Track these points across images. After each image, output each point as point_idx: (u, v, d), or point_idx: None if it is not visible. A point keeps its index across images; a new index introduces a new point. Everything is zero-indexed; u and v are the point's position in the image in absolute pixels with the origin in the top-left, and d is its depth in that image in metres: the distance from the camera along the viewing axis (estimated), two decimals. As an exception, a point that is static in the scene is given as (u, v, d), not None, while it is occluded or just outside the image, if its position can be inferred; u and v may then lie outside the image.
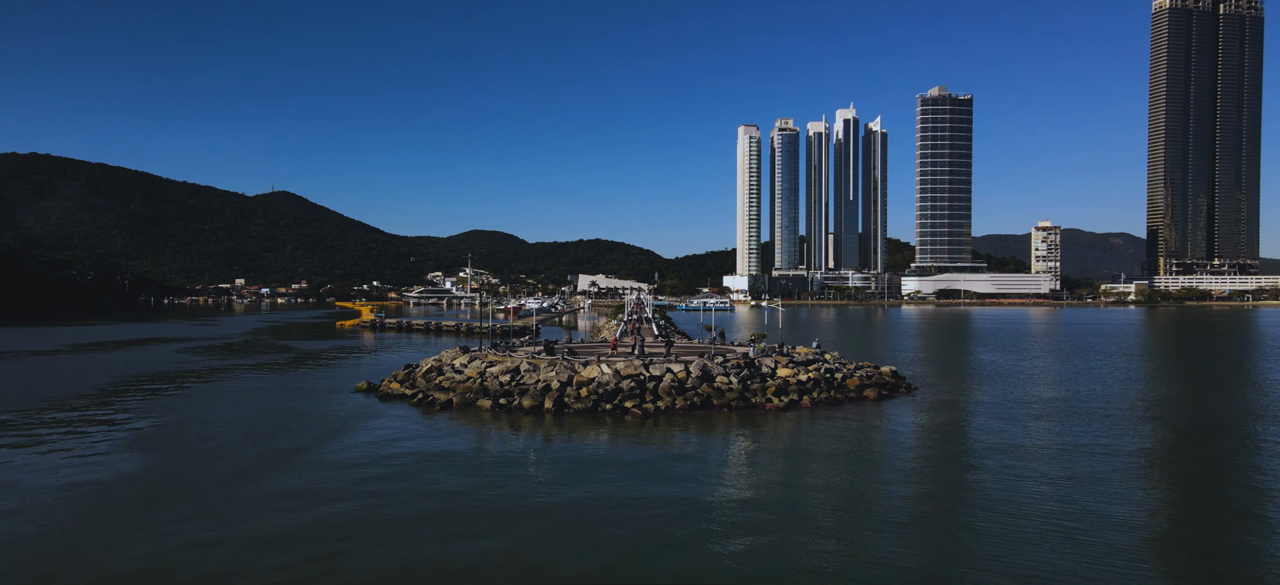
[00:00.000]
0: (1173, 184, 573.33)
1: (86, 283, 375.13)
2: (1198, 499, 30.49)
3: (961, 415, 49.34)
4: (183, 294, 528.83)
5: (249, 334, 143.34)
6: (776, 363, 57.15)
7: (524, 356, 58.76)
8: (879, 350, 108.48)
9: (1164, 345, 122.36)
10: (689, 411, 48.10)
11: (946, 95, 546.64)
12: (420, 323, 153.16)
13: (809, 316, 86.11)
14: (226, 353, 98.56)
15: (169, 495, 30.30)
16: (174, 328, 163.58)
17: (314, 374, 71.58)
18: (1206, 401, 55.93)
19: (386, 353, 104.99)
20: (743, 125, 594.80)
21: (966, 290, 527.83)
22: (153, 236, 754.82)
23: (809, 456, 37.79)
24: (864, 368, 62.00)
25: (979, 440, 41.37)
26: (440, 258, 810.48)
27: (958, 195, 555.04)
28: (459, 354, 62.00)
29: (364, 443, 40.44)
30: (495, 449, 39.56)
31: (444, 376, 55.78)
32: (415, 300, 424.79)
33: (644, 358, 57.71)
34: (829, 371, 57.06)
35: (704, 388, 50.77)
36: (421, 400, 51.72)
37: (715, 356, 58.15)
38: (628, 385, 50.12)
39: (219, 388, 61.48)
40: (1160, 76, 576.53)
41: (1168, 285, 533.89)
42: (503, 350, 64.01)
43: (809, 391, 52.42)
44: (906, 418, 48.14)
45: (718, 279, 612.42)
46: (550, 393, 49.75)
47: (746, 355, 59.13)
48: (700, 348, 71.18)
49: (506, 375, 53.29)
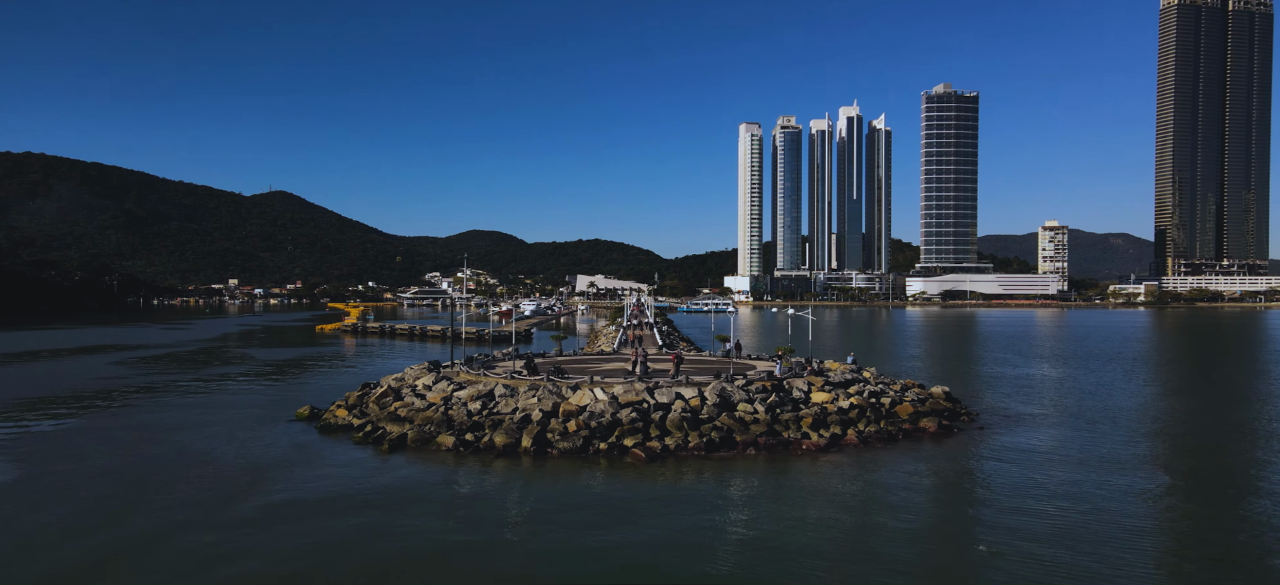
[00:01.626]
0: (1181, 183, 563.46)
1: (73, 283, 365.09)
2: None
3: (1054, 457, 39.14)
4: (173, 294, 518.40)
5: (217, 340, 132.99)
6: (809, 385, 46.91)
7: (501, 376, 48.54)
8: (899, 360, 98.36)
9: (1210, 352, 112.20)
10: (705, 452, 37.92)
11: (952, 92, 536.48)
12: (404, 327, 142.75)
13: (813, 318, 75.19)
14: (171, 364, 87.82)
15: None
16: (139, 333, 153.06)
17: (256, 393, 61.01)
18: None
19: (358, 363, 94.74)
20: (744, 123, 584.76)
21: (972, 291, 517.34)
22: (148, 236, 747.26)
23: (878, 529, 27.60)
24: (912, 389, 51.82)
25: (1104, 503, 31.09)
26: (438, 258, 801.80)
27: (963, 194, 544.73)
28: (424, 372, 51.74)
29: (275, 505, 30.25)
30: (451, 509, 29.44)
31: (402, 402, 45.56)
32: (409, 301, 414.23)
33: (647, 378, 47.50)
34: (874, 396, 46.83)
35: (723, 419, 40.58)
36: (369, 434, 41.47)
37: (734, 376, 47.92)
38: (627, 416, 39.94)
39: (124, 416, 50.87)
40: (1168, 74, 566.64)
41: (1176, 286, 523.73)
42: (478, 367, 53.77)
43: (853, 423, 42.19)
44: (985, 461, 37.89)
45: (718, 279, 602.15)
46: (530, 426, 39.57)
47: (771, 375, 48.94)
48: (712, 362, 61.01)
49: (477, 402, 43.08)
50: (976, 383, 70.16)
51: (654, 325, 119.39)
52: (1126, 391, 64.86)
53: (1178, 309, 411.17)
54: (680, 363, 49.37)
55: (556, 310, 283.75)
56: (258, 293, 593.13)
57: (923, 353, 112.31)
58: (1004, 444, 41.70)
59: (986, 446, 41.01)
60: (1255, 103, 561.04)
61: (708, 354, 70.12)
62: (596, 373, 52.61)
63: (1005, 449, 40.54)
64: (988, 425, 46.22)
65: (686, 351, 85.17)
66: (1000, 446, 41.08)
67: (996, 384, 69.05)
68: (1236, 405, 56.95)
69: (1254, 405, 56.74)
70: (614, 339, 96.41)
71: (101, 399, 58.37)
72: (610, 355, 68.97)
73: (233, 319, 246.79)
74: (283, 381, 70.28)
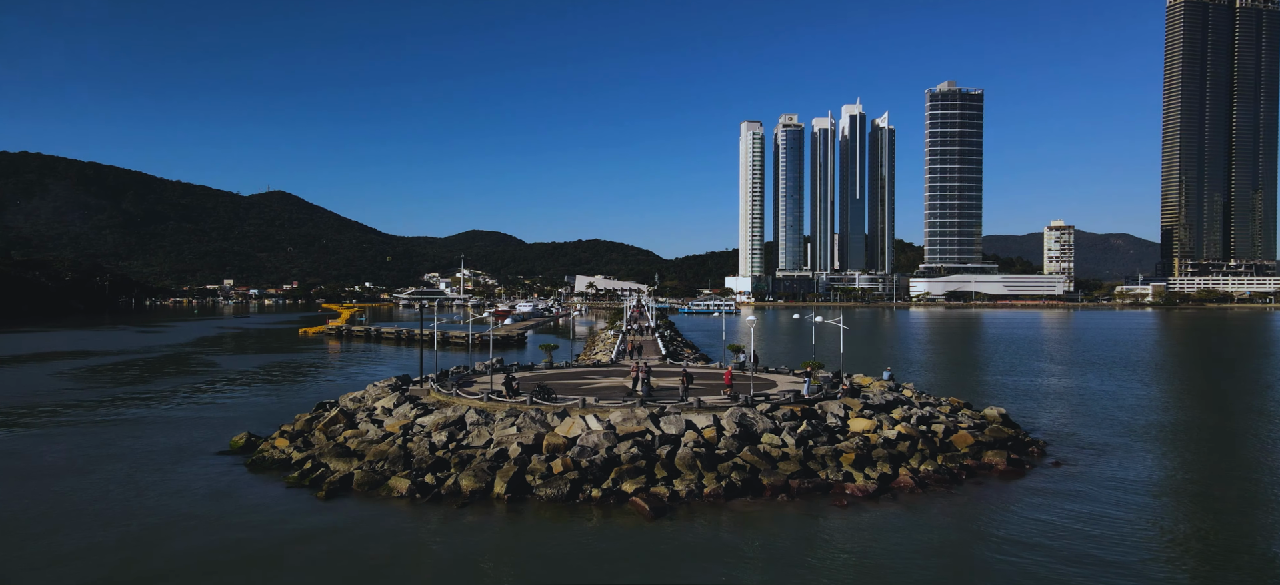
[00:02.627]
0: (1187, 182, 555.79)
1: (60, 284, 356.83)
2: None
3: (1165, 500, 31.35)
4: (166, 295, 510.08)
5: (190, 345, 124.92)
6: (846, 409, 39.01)
7: (476, 398, 40.62)
8: (917, 368, 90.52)
9: (1251, 356, 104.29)
10: (725, 499, 30.10)
11: (956, 90, 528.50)
12: (391, 332, 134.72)
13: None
14: (120, 374, 79.09)
15: None
16: (112, 337, 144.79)
17: (196, 414, 52.52)
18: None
19: (330, 373, 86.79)
20: (746, 121, 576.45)
21: (978, 292, 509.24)
22: (145, 236, 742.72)
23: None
24: (962, 411, 43.95)
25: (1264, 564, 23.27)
26: (438, 258, 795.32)
27: (968, 194, 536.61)
28: (387, 392, 43.78)
29: (150, 576, 22.40)
30: (393, 583, 21.64)
31: (354, 431, 37.67)
32: (404, 302, 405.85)
33: (650, 400, 39.64)
34: (923, 422, 38.93)
35: (746, 455, 32.74)
36: (308, 472, 33.59)
37: (756, 400, 40.01)
38: (627, 452, 32.11)
39: (20, 444, 42.84)
40: (1175, 72, 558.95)
41: (1183, 286, 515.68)
42: (453, 384, 45.82)
43: (905, 459, 34.30)
44: (1080, 510, 30.07)
45: (719, 280, 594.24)
46: (505, 465, 31.72)
47: (798, 395, 41.07)
48: (721, 374, 53.09)
49: (443, 432, 35.19)
50: (1020, 399, 62.28)
51: (655, 330, 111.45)
52: (1200, 406, 57.15)
53: (1187, 310, 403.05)
54: (689, 382, 41.44)
55: (554, 312, 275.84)
56: (253, 293, 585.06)
57: (941, 360, 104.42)
58: (1094, 483, 33.81)
59: (1073, 488, 33.10)
60: (1263, 101, 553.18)
61: (718, 366, 62.26)
62: (590, 392, 44.83)
63: (1098, 491, 32.64)
64: (1063, 459, 38.20)
65: (692, 360, 77.31)
66: (1090, 487, 33.18)
67: (1046, 401, 61.04)
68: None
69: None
70: (612, 346, 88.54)
71: (8, 421, 50.35)
72: (607, 368, 61.18)
73: (221, 321, 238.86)
74: (233, 398, 61.99)
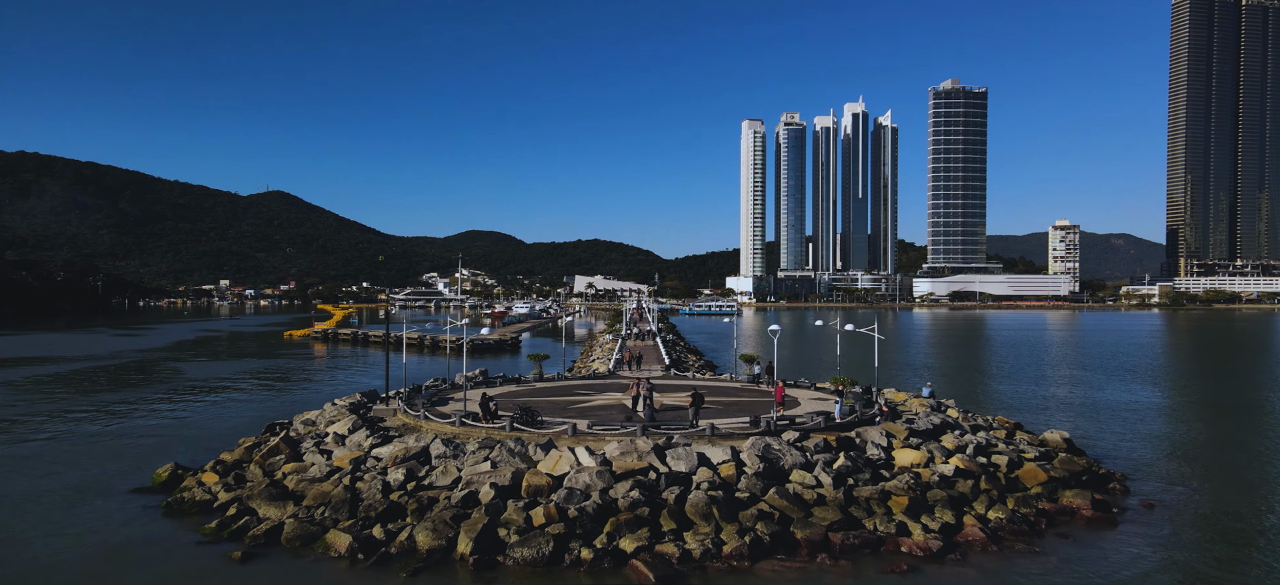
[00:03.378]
0: (1193, 182, 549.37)
1: (49, 284, 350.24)
2: None
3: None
4: (161, 296, 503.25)
5: (165, 350, 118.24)
6: (888, 437, 32.55)
7: (447, 423, 34.20)
8: (935, 375, 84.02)
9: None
10: (749, 560, 23.70)
11: (960, 88, 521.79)
12: (377, 335, 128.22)
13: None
14: (70, 385, 71.72)
15: None
16: (88, 340, 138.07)
17: (127, 436, 44.93)
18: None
19: (301, 384, 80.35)
20: (747, 120, 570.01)
21: (982, 292, 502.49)
22: (142, 236, 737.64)
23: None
24: (1019, 435, 37.54)
25: None
26: (437, 258, 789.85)
27: (971, 193, 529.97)
28: (344, 414, 37.30)
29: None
30: None
31: (297, 465, 31.24)
32: (401, 303, 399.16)
33: (654, 426, 33.23)
34: (981, 451, 32.46)
35: (773, 500, 26.30)
36: (231, 520, 27.15)
37: (780, 427, 33.60)
38: (626, 497, 25.72)
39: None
40: (1181, 70, 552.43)
41: (1189, 287, 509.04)
42: (423, 404, 39.38)
43: (969, 502, 27.83)
44: (1200, 570, 23.67)
45: (719, 280, 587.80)
46: (474, 512, 25.32)
47: (829, 418, 34.65)
48: (738, 390, 46.79)
49: (401, 469, 28.75)
50: (1067, 415, 55.78)
51: (657, 334, 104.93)
52: (1274, 424, 50.78)
53: (1194, 311, 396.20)
54: (700, 402, 34.93)
55: (552, 313, 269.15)
56: (249, 293, 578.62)
57: (958, 365, 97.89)
58: (1204, 532, 27.36)
59: (1180, 537, 26.63)
60: (1269, 100, 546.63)
61: (729, 377, 55.69)
62: (582, 412, 38.46)
63: (1213, 543, 26.18)
64: (1152, 498, 31.60)
65: (698, 368, 70.81)
66: (1202, 537, 26.75)
67: (1097, 417, 54.21)
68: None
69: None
70: (611, 353, 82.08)
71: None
72: (604, 380, 54.80)
73: (211, 322, 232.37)
74: (179, 415, 54.59)
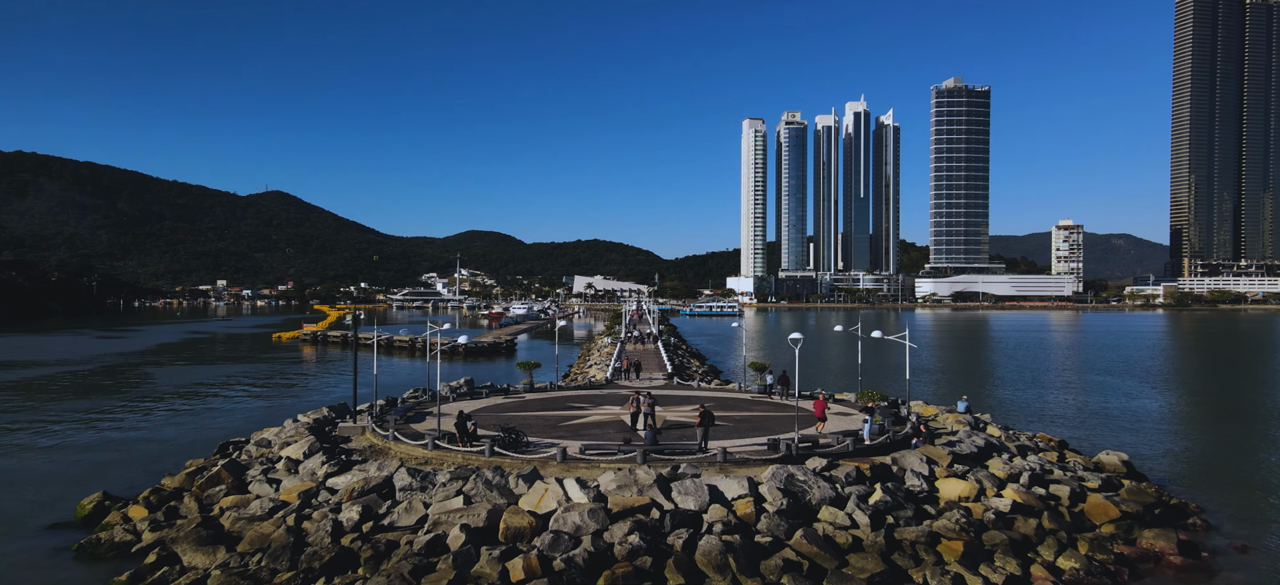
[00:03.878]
0: (1197, 181, 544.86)
1: (44, 284, 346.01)
2: None
3: None
4: (156, 296, 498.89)
5: (145, 353, 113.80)
6: (929, 463, 28.21)
7: (412, 449, 29.89)
8: (946, 380, 79.48)
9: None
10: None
11: (963, 86, 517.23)
12: (366, 336, 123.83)
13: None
14: (24, 395, 67.29)
15: None
16: (56, 344, 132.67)
17: (63, 453, 40.40)
18: None
19: (281, 392, 75.99)
20: (748, 119, 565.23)
21: (985, 292, 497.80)
22: (140, 237, 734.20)
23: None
24: (1071, 460, 33.22)
25: None
26: (436, 258, 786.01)
27: (974, 192, 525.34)
28: (302, 434, 32.95)
29: None
30: None
31: (237, 499, 26.98)
32: (398, 303, 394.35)
33: (657, 450, 28.89)
34: (1037, 480, 28.11)
35: (801, 545, 22.06)
36: (148, 569, 22.91)
37: (803, 451, 29.24)
38: (623, 539, 21.56)
39: None
40: (1185, 69, 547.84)
41: (1194, 287, 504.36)
42: (395, 422, 35.07)
43: (1032, 546, 23.56)
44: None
45: (720, 280, 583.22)
46: (440, 563, 21.13)
47: (857, 439, 30.29)
48: (748, 403, 42.44)
49: (356, 506, 24.48)
50: (1108, 429, 51.39)
51: (658, 337, 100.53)
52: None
53: (1200, 311, 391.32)
54: (709, 422, 30.49)
55: (551, 313, 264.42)
56: (246, 294, 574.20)
57: (969, 370, 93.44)
58: None
59: None
60: (1274, 99, 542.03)
61: (737, 387, 51.24)
62: (575, 431, 34.21)
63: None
64: (1241, 538, 27.05)
65: (702, 374, 66.39)
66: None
67: (1146, 431, 49.14)
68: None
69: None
70: (609, 357, 77.74)
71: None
72: (601, 389, 50.55)
73: (203, 323, 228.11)
74: (132, 429, 48.91)
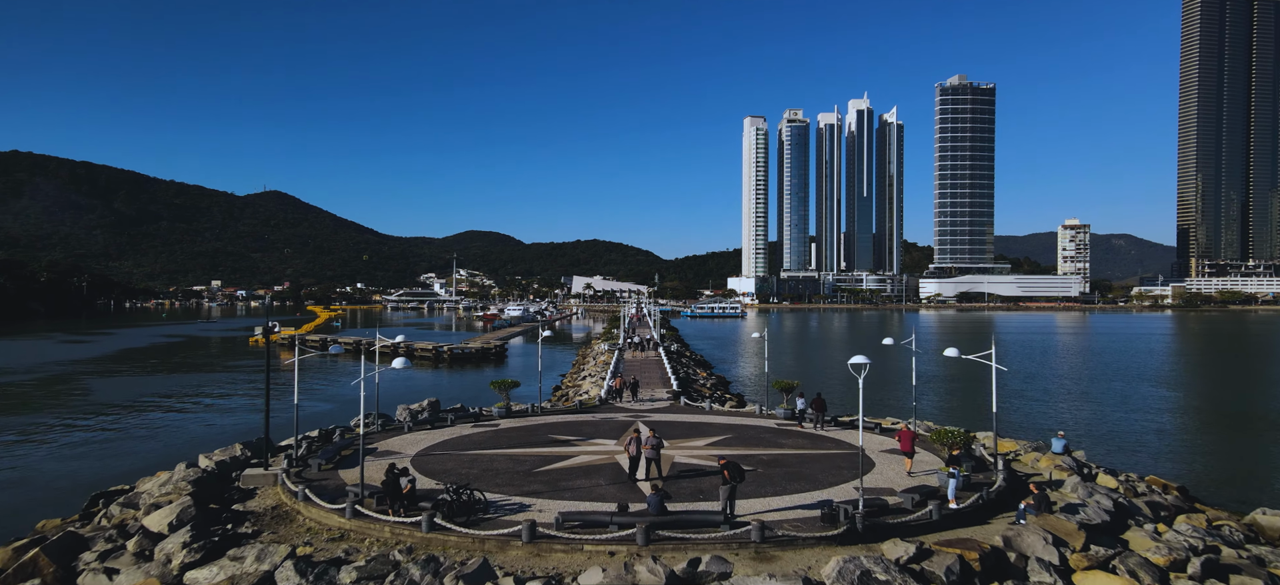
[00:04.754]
0: (1204, 180, 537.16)
1: (31, 285, 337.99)
2: None
3: None
4: (149, 297, 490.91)
5: (104, 360, 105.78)
6: (1056, 542, 20.14)
7: (324, 517, 21.92)
8: (964, 393, 71.10)
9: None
10: None
11: (967, 84, 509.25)
12: (349, 341, 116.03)
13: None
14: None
15: None
16: (10, 350, 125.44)
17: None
18: None
19: (225, 412, 67.76)
20: (749, 117, 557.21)
21: (990, 293, 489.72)
22: (136, 237, 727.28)
23: None
24: (1219, 522, 25.24)
25: None
26: (435, 259, 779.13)
27: (979, 191, 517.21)
28: (181, 488, 24.84)
29: None
30: None
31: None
32: (393, 304, 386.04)
33: (663, 529, 20.84)
34: (1213, 570, 20.04)
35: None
36: None
37: (872, 527, 21.17)
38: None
39: None
40: (1191, 67, 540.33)
41: (1202, 287, 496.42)
42: (319, 467, 26.98)
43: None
44: None
45: (720, 280, 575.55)
46: None
47: (943, 502, 22.26)
48: (770, 432, 34.43)
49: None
50: (1209, 461, 43.45)
51: (660, 344, 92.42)
52: None
53: (1210, 313, 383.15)
54: (737, 478, 22.20)
55: (548, 315, 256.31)
56: (241, 294, 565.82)
57: (1013, 383, 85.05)
58: None
59: None
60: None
61: (757, 410, 43.05)
62: (553, 483, 26.24)
63: None
64: None
65: (711, 389, 57.99)
66: None
67: (1254, 465, 41.72)
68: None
69: None
70: (606, 367, 69.74)
71: None
72: (594, 414, 42.63)
73: (187, 325, 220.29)
74: (8, 467, 40.99)
